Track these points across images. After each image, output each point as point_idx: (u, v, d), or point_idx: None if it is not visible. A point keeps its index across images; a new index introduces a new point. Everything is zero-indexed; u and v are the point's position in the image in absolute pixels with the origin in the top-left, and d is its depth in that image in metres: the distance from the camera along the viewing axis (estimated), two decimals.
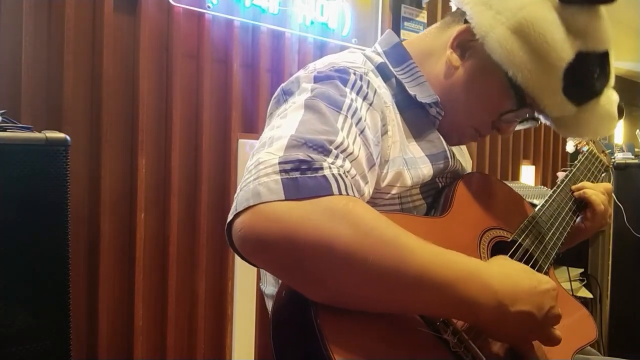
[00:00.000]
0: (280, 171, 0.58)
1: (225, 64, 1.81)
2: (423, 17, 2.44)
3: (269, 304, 0.92)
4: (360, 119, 0.71)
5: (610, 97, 0.89)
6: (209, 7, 1.73)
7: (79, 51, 1.50)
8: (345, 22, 2.11)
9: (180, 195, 1.71)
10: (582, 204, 1.05)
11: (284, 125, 0.66)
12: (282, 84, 0.80)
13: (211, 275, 1.81)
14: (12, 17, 1.39)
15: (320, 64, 0.81)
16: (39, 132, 1.07)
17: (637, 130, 3.12)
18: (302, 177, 0.58)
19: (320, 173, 0.59)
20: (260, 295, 0.96)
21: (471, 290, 0.61)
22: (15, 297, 1.02)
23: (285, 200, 0.57)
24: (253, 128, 1.89)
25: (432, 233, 0.59)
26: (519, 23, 0.79)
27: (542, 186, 2.94)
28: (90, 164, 1.53)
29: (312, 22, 2.00)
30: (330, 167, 0.60)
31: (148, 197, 1.64)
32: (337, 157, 0.63)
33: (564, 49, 0.80)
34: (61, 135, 1.07)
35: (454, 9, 0.92)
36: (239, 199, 0.59)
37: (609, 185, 1.09)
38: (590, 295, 2.75)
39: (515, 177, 3.00)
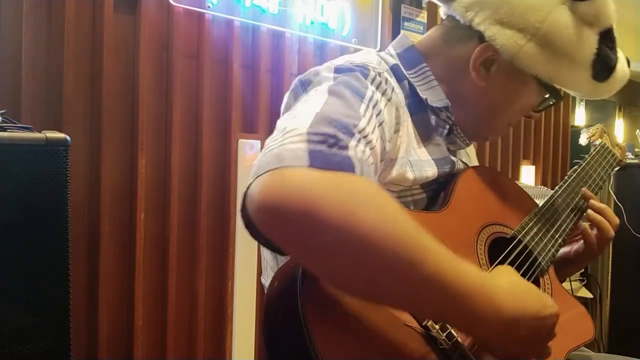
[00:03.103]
0: (308, 141, 0.56)
1: (225, 64, 1.81)
2: (423, 17, 2.44)
3: None
4: (380, 112, 0.71)
5: (622, 58, 0.94)
6: (209, 7, 1.72)
7: (79, 51, 1.50)
8: (345, 22, 2.11)
9: (180, 195, 1.71)
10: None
11: (308, 107, 0.65)
12: (300, 76, 0.79)
13: (211, 275, 1.80)
14: (12, 17, 1.39)
15: (338, 61, 0.80)
16: (39, 132, 1.07)
17: (637, 130, 3.11)
18: (328, 150, 0.57)
19: (345, 152, 0.58)
20: (261, 295, 0.96)
21: (477, 305, 0.60)
22: (15, 297, 1.02)
23: (309, 167, 0.54)
24: (253, 128, 1.89)
25: (428, 228, 0.57)
26: (545, 36, 0.83)
27: (542, 186, 2.94)
28: (90, 164, 1.53)
29: (312, 22, 2.00)
30: (355, 149, 0.59)
31: (148, 197, 1.64)
32: (359, 141, 0.62)
33: (588, 44, 0.86)
34: (61, 135, 1.07)
35: (443, 17, 0.94)
36: (260, 164, 0.55)
37: (616, 219, 1.01)
38: (590, 295, 2.75)
39: (515, 177, 3.00)
